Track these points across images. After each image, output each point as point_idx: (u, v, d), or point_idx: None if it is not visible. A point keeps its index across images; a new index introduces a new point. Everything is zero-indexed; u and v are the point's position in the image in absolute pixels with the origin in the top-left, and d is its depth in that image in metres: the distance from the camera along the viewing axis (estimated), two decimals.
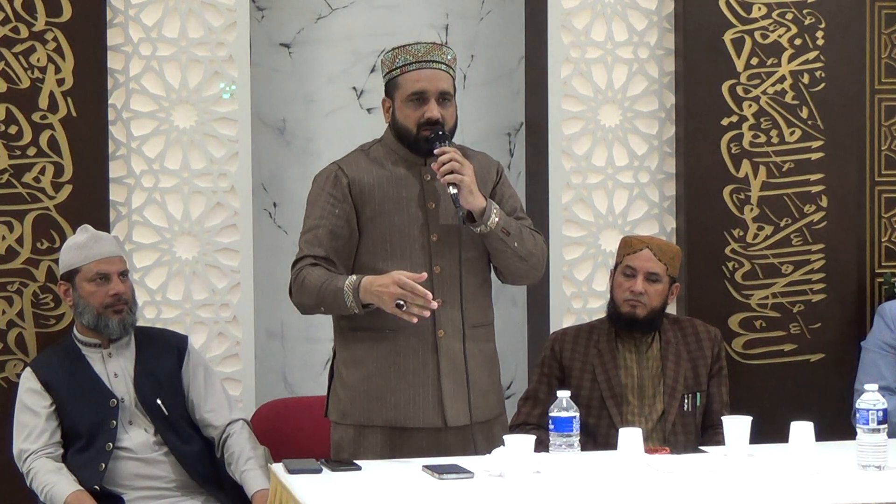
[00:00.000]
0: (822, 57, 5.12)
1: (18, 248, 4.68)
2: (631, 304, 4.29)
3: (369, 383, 3.89)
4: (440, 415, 3.88)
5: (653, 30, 5.15)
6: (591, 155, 5.12)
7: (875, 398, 3.53)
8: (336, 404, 3.97)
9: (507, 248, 3.91)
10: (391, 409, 3.88)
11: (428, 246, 3.91)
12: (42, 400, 4.26)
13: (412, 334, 3.86)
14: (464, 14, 5.44)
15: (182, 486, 4.30)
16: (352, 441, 3.91)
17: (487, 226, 3.85)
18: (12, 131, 4.67)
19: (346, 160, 4.00)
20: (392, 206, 3.91)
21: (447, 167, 3.81)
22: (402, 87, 3.91)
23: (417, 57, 3.91)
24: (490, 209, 3.86)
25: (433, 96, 3.89)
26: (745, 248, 5.09)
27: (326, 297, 3.84)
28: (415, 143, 3.92)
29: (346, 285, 3.80)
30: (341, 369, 3.96)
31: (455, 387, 3.88)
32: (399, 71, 3.92)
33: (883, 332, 4.62)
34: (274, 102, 5.31)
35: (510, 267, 3.96)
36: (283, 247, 5.29)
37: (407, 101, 3.90)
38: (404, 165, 3.95)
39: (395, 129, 3.95)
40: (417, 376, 3.88)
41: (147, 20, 4.81)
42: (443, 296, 3.87)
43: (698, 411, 4.33)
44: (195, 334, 4.80)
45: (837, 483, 3.44)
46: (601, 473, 3.50)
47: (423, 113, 3.88)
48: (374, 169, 3.94)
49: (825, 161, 5.12)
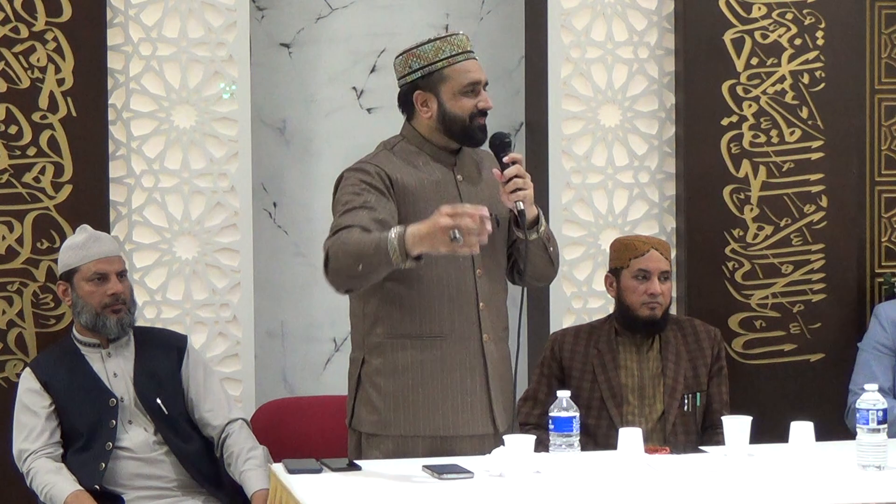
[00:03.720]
0: (822, 57, 5.12)
1: (18, 248, 4.68)
2: (650, 306, 4.29)
3: (415, 392, 3.77)
4: (490, 420, 3.82)
5: (653, 30, 5.15)
6: (591, 155, 5.12)
7: (875, 398, 3.53)
8: (371, 415, 3.81)
9: (546, 254, 3.88)
10: (440, 417, 3.78)
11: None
12: (42, 400, 4.26)
13: (458, 340, 3.79)
14: (464, 14, 5.44)
15: (182, 486, 4.30)
16: (393, 453, 3.77)
17: (539, 234, 3.83)
18: (12, 131, 4.67)
19: (378, 159, 3.85)
20: (433, 208, 3.63)
21: (513, 184, 3.74)
22: (454, 77, 3.83)
23: (461, 48, 3.86)
24: (541, 217, 3.84)
25: (483, 86, 3.88)
26: (745, 248, 5.09)
27: (366, 251, 3.57)
28: (469, 132, 3.85)
29: (392, 237, 3.54)
30: (377, 378, 3.81)
31: (501, 391, 3.84)
32: (446, 62, 3.83)
33: (878, 333, 4.62)
34: (274, 102, 5.31)
35: (541, 271, 3.91)
36: (283, 247, 5.29)
37: (462, 92, 3.83)
38: (436, 165, 3.88)
39: (446, 121, 3.84)
40: (466, 382, 3.79)
41: (147, 20, 4.82)
42: (485, 299, 3.83)
43: (698, 411, 4.33)
44: (195, 334, 4.80)
45: (837, 483, 3.44)
46: (601, 473, 3.49)
47: (476, 102, 3.84)
48: (409, 169, 3.84)
49: (825, 161, 5.12)
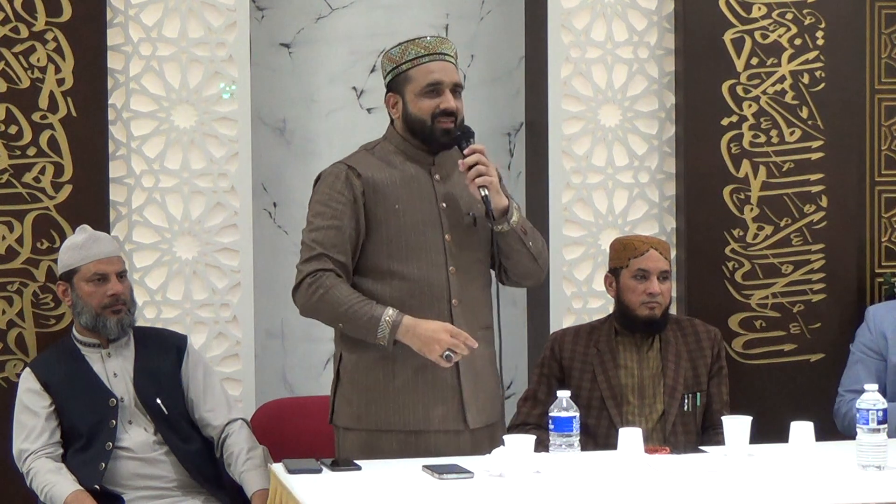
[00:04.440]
0: (822, 57, 5.12)
1: (18, 248, 4.68)
2: (649, 306, 4.29)
3: (387, 387, 3.83)
4: (461, 416, 3.85)
5: (653, 30, 5.14)
6: (591, 155, 5.12)
7: (875, 398, 3.53)
8: (346, 409, 3.88)
9: (523, 248, 3.88)
10: (411, 412, 3.82)
11: (443, 246, 3.86)
12: (41, 400, 4.26)
13: None
14: (464, 14, 5.44)
15: (182, 486, 4.30)
16: (363, 446, 3.83)
17: (510, 224, 3.83)
18: (12, 131, 4.67)
19: (353, 159, 3.92)
20: (405, 205, 3.83)
21: (475, 170, 3.78)
22: (416, 79, 3.86)
23: (429, 49, 3.87)
24: (511, 207, 3.84)
25: (448, 87, 3.86)
26: (745, 248, 5.09)
27: (352, 320, 3.74)
28: (430, 135, 3.86)
29: (385, 317, 3.71)
30: (353, 373, 3.87)
31: (473, 388, 3.86)
32: (410, 64, 3.86)
33: (864, 335, 4.62)
34: (274, 102, 5.31)
35: (522, 267, 3.92)
36: (283, 247, 5.29)
37: (422, 93, 3.85)
38: (413, 164, 3.91)
39: (409, 122, 3.89)
40: (438, 379, 3.83)
41: (147, 20, 4.81)
42: (458, 296, 3.85)
43: (698, 411, 4.32)
44: (195, 334, 4.80)
45: (837, 483, 3.44)
46: (601, 473, 3.49)
47: (438, 104, 3.84)
48: (384, 167, 3.88)
49: (825, 161, 5.12)
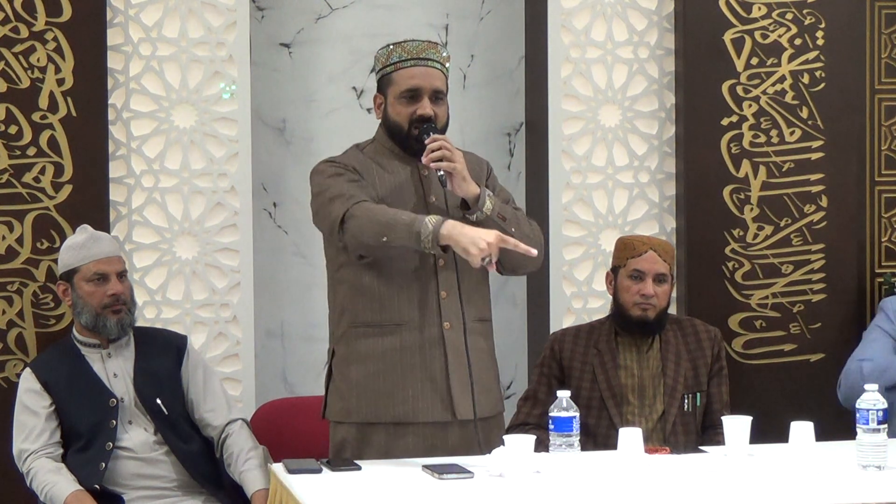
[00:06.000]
0: (822, 57, 5.12)
1: (18, 248, 4.68)
2: (642, 307, 4.28)
3: (376, 379, 3.85)
4: (449, 408, 3.85)
5: (653, 30, 5.15)
6: (591, 155, 5.12)
7: (875, 398, 3.53)
8: (338, 403, 3.91)
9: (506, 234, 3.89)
10: (399, 404, 3.84)
11: None
12: (41, 400, 4.26)
13: (418, 328, 3.84)
14: (464, 14, 5.44)
15: (182, 486, 4.30)
16: (354, 439, 3.87)
17: (483, 211, 3.82)
18: (12, 131, 4.67)
19: (342, 157, 3.97)
20: (394, 201, 3.85)
21: (437, 154, 3.78)
22: (396, 83, 3.89)
23: (413, 54, 3.88)
24: (484, 195, 3.83)
25: (427, 94, 3.87)
26: (745, 248, 5.09)
27: (398, 223, 3.68)
28: (406, 141, 3.89)
29: (429, 217, 3.68)
30: (343, 367, 3.91)
31: (461, 380, 3.86)
32: (393, 67, 3.89)
33: (883, 321, 4.60)
34: (274, 102, 5.31)
35: (508, 254, 3.91)
36: (283, 247, 5.29)
37: (400, 98, 3.88)
38: (400, 162, 3.93)
39: (387, 125, 3.93)
40: (425, 370, 3.85)
41: (147, 20, 4.81)
42: (446, 288, 3.86)
43: (698, 411, 4.32)
44: (195, 334, 4.80)
45: (837, 483, 3.44)
46: (601, 473, 3.49)
47: (415, 110, 3.86)
48: (371, 164, 3.92)
49: (825, 161, 5.12)
